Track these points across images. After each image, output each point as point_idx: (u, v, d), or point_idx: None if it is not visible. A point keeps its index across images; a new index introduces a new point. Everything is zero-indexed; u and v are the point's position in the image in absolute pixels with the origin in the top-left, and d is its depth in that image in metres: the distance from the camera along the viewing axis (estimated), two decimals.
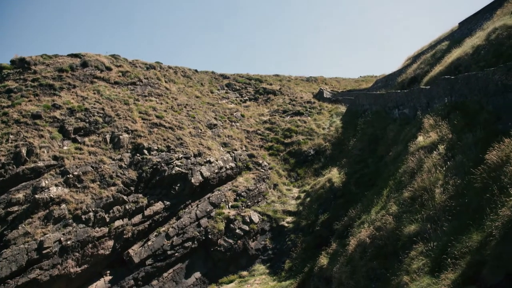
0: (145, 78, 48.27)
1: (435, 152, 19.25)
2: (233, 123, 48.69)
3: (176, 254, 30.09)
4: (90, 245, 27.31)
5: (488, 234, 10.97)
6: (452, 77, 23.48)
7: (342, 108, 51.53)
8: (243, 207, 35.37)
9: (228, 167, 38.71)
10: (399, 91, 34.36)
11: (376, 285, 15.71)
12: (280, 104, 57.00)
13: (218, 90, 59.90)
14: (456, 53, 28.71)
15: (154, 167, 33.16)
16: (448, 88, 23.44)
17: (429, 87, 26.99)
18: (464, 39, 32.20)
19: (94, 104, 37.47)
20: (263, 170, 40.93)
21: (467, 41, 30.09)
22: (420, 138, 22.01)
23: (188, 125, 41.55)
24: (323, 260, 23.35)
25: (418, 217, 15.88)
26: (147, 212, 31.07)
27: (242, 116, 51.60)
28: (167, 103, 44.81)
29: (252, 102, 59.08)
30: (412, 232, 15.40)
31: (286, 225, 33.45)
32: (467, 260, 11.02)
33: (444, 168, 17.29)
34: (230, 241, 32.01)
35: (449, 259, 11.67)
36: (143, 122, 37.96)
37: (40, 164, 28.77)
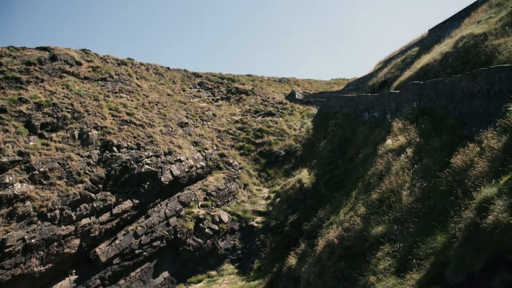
0: (116, 74, 47.49)
1: (403, 155, 19.65)
2: (204, 122, 48.47)
3: (144, 253, 29.74)
4: (55, 244, 26.66)
5: (451, 236, 11.27)
6: (421, 82, 24.02)
7: (314, 110, 51.98)
8: (213, 207, 35.26)
9: (198, 166, 38.52)
10: (369, 94, 34.92)
11: (344, 285, 15.93)
12: (252, 104, 57.09)
13: (190, 88, 59.53)
14: (425, 59, 29.37)
15: (124, 164, 32.66)
16: (417, 93, 23.96)
17: (398, 91, 27.53)
18: (433, 46, 33.00)
19: (63, 99, 36.60)
20: (233, 170, 40.89)
21: (436, 47, 30.85)
22: (389, 141, 22.42)
23: (159, 123, 41.13)
24: (292, 260, 23.51)
25: (385, 219, 16.18)
26: (115, 210, 30.57)
27: (214, 115, 51.43)
28: (138, 100, 44.23)
29: (224, 102, 58.96)
30: (379, 233, 15.68)
31: (256, 225, 33.51)
32: (431, 261, 11.30)
33: (411, 171, 17.67)
34: (199, 240, 31.86)
35: (414, 260, 11.94)
36: (113, 119, 37.34)
37: (4, 159, 27.89)
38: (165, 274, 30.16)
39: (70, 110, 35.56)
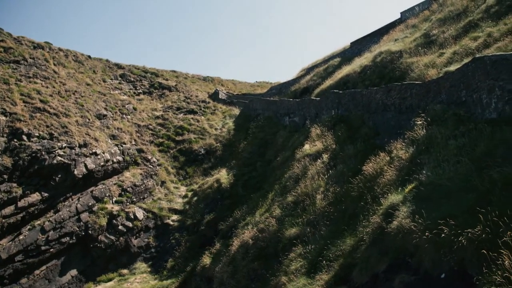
0: (31, 58, 44.54)
1: (319, 160, 20.40)
2: (124, 116, 46.93)
3: (51, 250, 28.09)
4: None
5: (359, 239, 11.91)
6: (340, 92, 25.12)
7: (236, 111, 52.33)
8: (128, 203, 34.23)
9: (115, 160, 37.22)
10: (291, 99, 35.87)
11: (256, 285, 16.20)
12: (175, 101, 56.22)
13: (112, 79, 57.37)
14: (346, 70, 30.75)
15: (33, 155, 30.69)
16: (336, 101, 25.00)
17: (319, 98, 28.55)
18: (354, 58, 34.65)
19: None
20: (151, 166, 40.01)
21: (356, 60, 32.42)
22: (307, 146, 23.16)
23: (76, 113, 39.19)
24: (206, 260, 23.50)
25: (299, 221, 16.71)
26: (21, 203, 28.61)
27: (135, 109, 49.99)
28: (54, 87, 41.80)
29: (146, 96, 57.48)
30: (292, 235, 16.16)
31: (172, 223, 33.04)
32: (340, 262, 11.85)
33: (326, 176, 18.42)
34: (112, 237, 30.77)
35: (324, 261, 12.45)
36: (25, 105, 34.97)
37: None
38: (73, 272, 28.74)
39: None
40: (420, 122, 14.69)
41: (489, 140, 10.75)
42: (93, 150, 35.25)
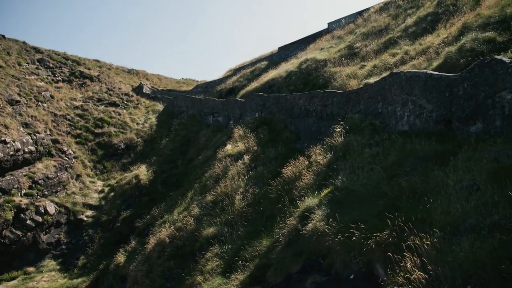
0: None
1: (240, 161, 20.58)
2: (40, 103, 44.20)
3: None
4: None
5: (275, 240, 12.17)
6: (265, 95, 25.53)
7: (160, 106, 51.31)
8: (39, 196, 32.22)
9: (26, 150, 34.94)
10: (216, 99, 35.88)
11: (171, 284, 16.00)
12: (96, 92, 53.93)
13: (28, 64, 53.83)
14: (272, 74, 31.31)
15: None
16: (260, 104, 25.37)
17: (244, 100, 28.82)
18: (280, 63, 35.37)
19: None
20: (67, 159, 38.07)
21: (283, 65, 33.12)
22: (229, 146, 23.28)
23: None
24: (121, 258, 22.80)
25: (217, 221, 16.74)
26: None
27: (52, 97, 47.26)
28: None
29: (65, 84, 54.56)
30: (210, 234, 16.15)
31: (86, 219, 31.62)
32: (255, 263, 12.03)
33: (246, 177, 18.62)
34: (18, 232, 28.78)
35: (240, 261, 12.57)
36: None
37: None
38: None
39: None
40: (339, 129, 15.33)
41: (400, 150, 11.46)
42: (2, 138, 32.84)
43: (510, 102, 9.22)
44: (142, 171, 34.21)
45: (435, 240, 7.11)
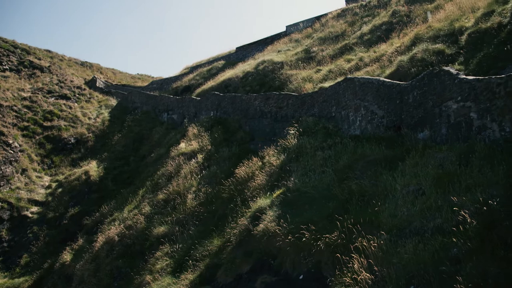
0: None
1: (194, 160, 20.44)
2: None
3: None
4: None
5: (227, 240, 12.16)
6: (221, 94, 25.49)
7: (113, 101, 50.07)
8: None
9: None
10: (172, 96, 35.47)
11: (119, 283, 15.66)
12: (47, 83, 51.94)
13: None
14: (229, 73, 31.27)
15: None
16: (216, 103, 25.29)
17: (199, 98, 28.64)
18: (238, 63, 35.40)
19: None
20: (12, 152, 36.47)
21: (240, 65, 33.17)
22: (183, 145, 23.08)
23: None
24: (67, 256, 22.06)
25: (168, 220, 16.54)
26: None
27: None
28: None
29: (13, 74, 52.20)
30: (161, 233, 15.94)
31: (30, 215, 30.36)
32: (206, 263, 11.97)
33: (199, 176, 18.52)
34: None
35: (191, 261, 12.47)
36: None
37: None
38: None
39: None
40: (293, 131, 15.52)
41: (352, 154, 11.74)
42: None
43: (456, 111, 9.64)
44: (93, 167, 33.29)
45: (382, 242, 7.34)
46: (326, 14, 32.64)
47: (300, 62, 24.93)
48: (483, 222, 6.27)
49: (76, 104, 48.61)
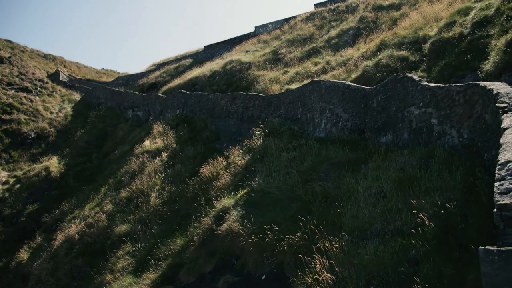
0: None
1: (158, 158, 20.23)
2: None
3: None
4: None
5: (190, 240, 12.09)
6: (188, 92, 25.32)
7: (77, 96, 48.91)
8: None
9: None
10: (137, 93, 34.96)
11: (78, 283, 15.32)
12: (6, 75, 50.19)
13: None
14: (196, 72, 31.08)
15: None
16: (182, 101, 25.10)
17: (166, 96, 28.36)
18: (205, 62, 35.23)
19: None
20: None
21: (207, 64, 33.02)
22: (147, 143, 22.80)
23: None
24: (23, 255, 21.37)
25: (131, 218, 16.30)
26: None
27: None
28: None
29: None
30: (123, 232, 15.69)
31: None
32: (168, 262, 11.86)
33: (163, 175, 18.34)
34: None
35: (153, 260, 12.33)
36: None
37: None
38: None
39: None
40: (258, 132, 15.59)
41: (316, 156, 11.89)
42: None
43: (417, 117, 9.91)
44: (53, 163, 32.40)
45: (344, 243, 7.47)
46: (295, 17, 32.88)
47: (268, 63, 25.05)
48: (440, 225, 6.50)
49: (37, 97, 47.17)
